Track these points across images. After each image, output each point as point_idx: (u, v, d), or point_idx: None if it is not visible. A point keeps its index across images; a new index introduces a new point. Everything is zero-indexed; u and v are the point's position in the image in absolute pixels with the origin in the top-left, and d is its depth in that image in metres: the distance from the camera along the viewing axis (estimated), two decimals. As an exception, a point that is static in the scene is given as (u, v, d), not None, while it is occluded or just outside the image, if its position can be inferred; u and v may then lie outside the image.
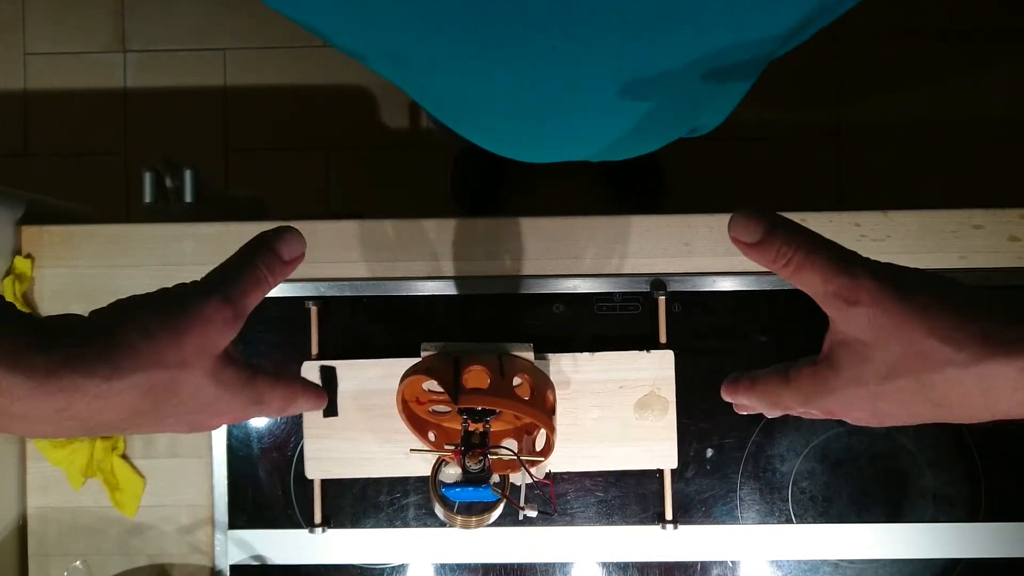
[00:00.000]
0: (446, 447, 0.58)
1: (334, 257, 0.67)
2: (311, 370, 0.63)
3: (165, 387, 0.32)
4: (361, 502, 0.65)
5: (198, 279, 0.35)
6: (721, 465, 0.65)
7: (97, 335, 0.31)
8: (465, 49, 0.37)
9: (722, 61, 0.38)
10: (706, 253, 0.66)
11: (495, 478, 0.57)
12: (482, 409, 0.55)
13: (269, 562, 0.65)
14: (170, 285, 0.34)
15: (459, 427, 0.56)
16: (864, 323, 0.31)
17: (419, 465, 0.64)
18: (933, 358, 0.30)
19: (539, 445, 0.60)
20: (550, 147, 0.53)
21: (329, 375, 0.63)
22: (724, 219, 0.66)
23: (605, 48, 0.35)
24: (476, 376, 0.56)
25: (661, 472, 0.64)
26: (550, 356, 0.63)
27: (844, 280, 0.32)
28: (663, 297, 0.64)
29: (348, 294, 0.66)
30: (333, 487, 0.65)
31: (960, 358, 0.29)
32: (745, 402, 0.40)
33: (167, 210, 0.90)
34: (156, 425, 0.34)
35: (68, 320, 0.32)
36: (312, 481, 0.65)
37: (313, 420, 0.64)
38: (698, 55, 0.36)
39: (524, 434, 0.60)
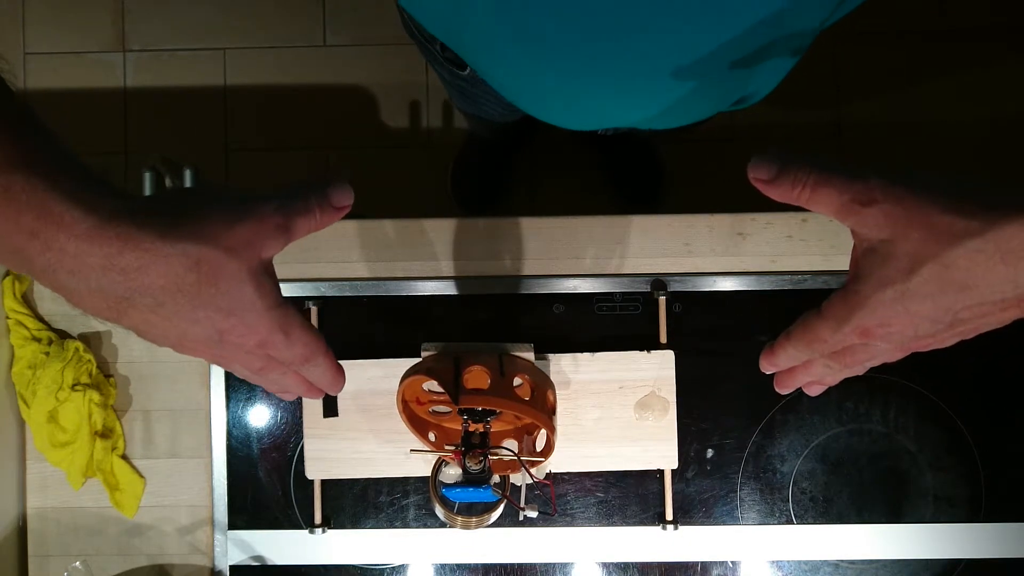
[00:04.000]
0: (446, 447, 0.58)
1: (334, 257, 0.67)
2: (311, 370, 0.63)
3: (210, 266, 0.32)
4: (361, 502, 0.65)
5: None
6: (721, 465, 0.65)
7: (160, 201, 0.32)
8: None
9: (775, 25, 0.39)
10: (706, 253, 0.66)
11: (495, 478, 0.57)
12: (482, 409, 0.55)
13: (269, 562, 0.65)
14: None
15: (459, 427, 0.56)
16: (881, 220, 0.32)
17: (419, 465, 0.64)
18: (951, 233, 0.31)
19: (539, 445, 0.60)
20: (596, 101, 0.54)
21: (329, 375, 0.63)
22: (724, 219, 0.66)
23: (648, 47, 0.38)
24: (476, 376, 0.56)
25: (661, 472, 0.64)
26: (550, 356, 0.63)
27: (858, 185, 0.33)
28: (663, 297, 0.64)
29: (348, 294, 0.66)
30: (333, 487, 0.65)
31: (975, 226, 0.30)
32: (785, 360, 0.40)
33: (167, 210, 0.90)
34: (189, 314, 0.33)
35: (132, 195, 0.33)
36: (312, 481, 0.65)
37: (313, 420, 0.64)
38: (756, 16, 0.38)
39: (524, 434, 0.60)
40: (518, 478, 0.60)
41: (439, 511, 0.57)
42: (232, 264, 0.33)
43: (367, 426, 0.63)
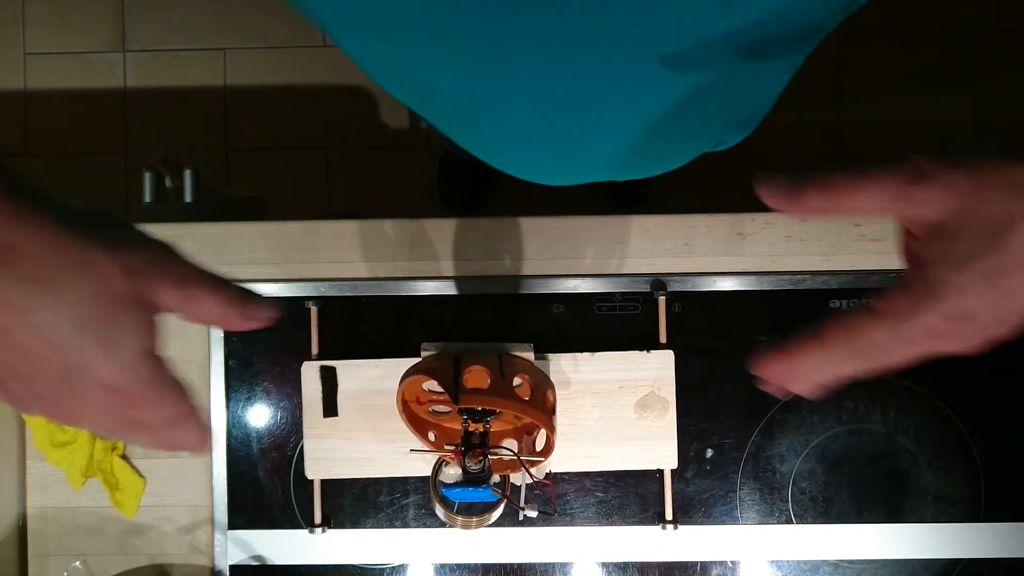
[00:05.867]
0: (446, 447, 0.58)
1: (334, 257, 0.67)
2: (311, 370, 0.63)
3: (95, 276, 0.28)
4: (361, 502, 0.65)
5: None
6: (721, 465, 0.65)
7: (83, 206, 0.29)
8: (472, 49, 0.36)
9: (755, 40, 0.36)
10: (706, 253, 0.66)
11: (495, 478, 0.57)
12: (482, 409, 0.55)
13: (269, 562, 0.65)
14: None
15: (459, 427, 0.56)
16: (946, 193, 0.28)
17: (419, 465, 0.64)
18: None
19: (539, 445, 0.60)
20: (562, 165, 0.52)
21: (329, 375, 0.63)
22: (724, 219, 0.66)
23: (638, 28, 0.34)
24: (476, 376, 0.56)
25: (661, 472, 0.64)
26: (550, 356, 0.63)
27: (902, 167, 0.29)
28: (663, 297, 0.64)
29: (348, 294, 0.66)
30: (333, 487, 0.65)
31: None
32: (808, 369, 0.32)
33: (167, 210, 0.90)
34: (49, 324, 0.27)
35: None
36: (312, 481, 0.65)
37: (313, 420, 0.64)
38: (731, 30, 0.35)
39: (524, 434, 0.60)
40: (518, 478, 0.60)
41: (439, 511, 0.57)
42: (122, 284, 0.28)
43: (367, 426, 0.63)
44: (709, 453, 0.65)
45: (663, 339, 0.65)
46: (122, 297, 0.28)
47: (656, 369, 0.63)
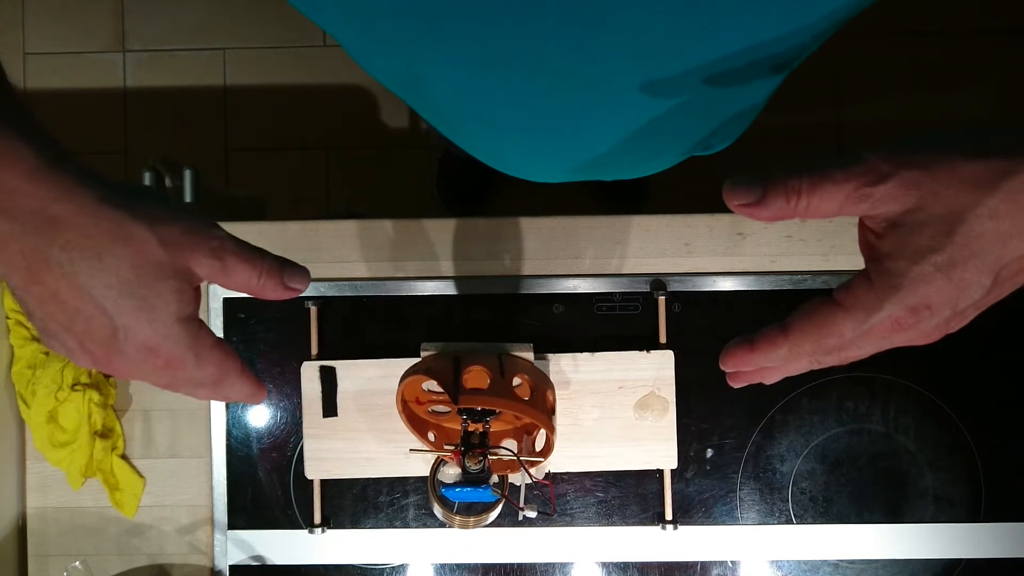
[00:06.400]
0: (446, 447, 0.58)
1: (334, 257, 0.67)
2: (311, 370, 0.63)
3: (138, 247, 0.31)
4: (361, 502, 0.65)
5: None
6: (721, 465, 0.65)
7: (119, 182, 0.31)
8: (462, 46, 0.37)
9: (742, 59, 0.36)
10: (706, 253, 0.66)
11: (494, 478, 0.57)
12: (482, 409, 0.55)
13: (269, 562, 0.65)
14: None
15: (459, 427, 0.56)
16: (900, 191, 0.29)
17: (419, 465, 0.64)
18: (984, 179, 0.28)
19: (539, 445, 0.60)
20: (552, 161, 0.52)
21: (329, 375, 0.63)
22: (724, 219, 0.66)
23: (623, 44, 0.34)
24: (476, 376, 0.56)
25: (661, 472, 0.64)
26: (550, 356, 0.63)
27: (860, 168, 0.30)
28: (663, 297, 0.64)
29: (348, 294, 0.66)
30: (333, 487, 0.65)
31: (1009, 164, 0.28)
32: (773, 360, 0.34)
33: (167, 210, 0.90)
34: (100, 292, 0.30)
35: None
36: (312, 481, 0.65)
37: (313, 420, 0.64)
38: (718, 52, 0.35)
39: (524, 434, 0.60)
40: (517, 478, 0.60)
41: (438, 511, 0.57)
42: (160, 254, 0.31)
43: (367, 426, 0.63)
44: (709, 453, 0.65)
45: (663, 339, 0.65)
46: (160, 266, 0.31)
47: (656, 369, 0.63)
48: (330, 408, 0.64)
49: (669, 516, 0.64)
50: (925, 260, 0.29)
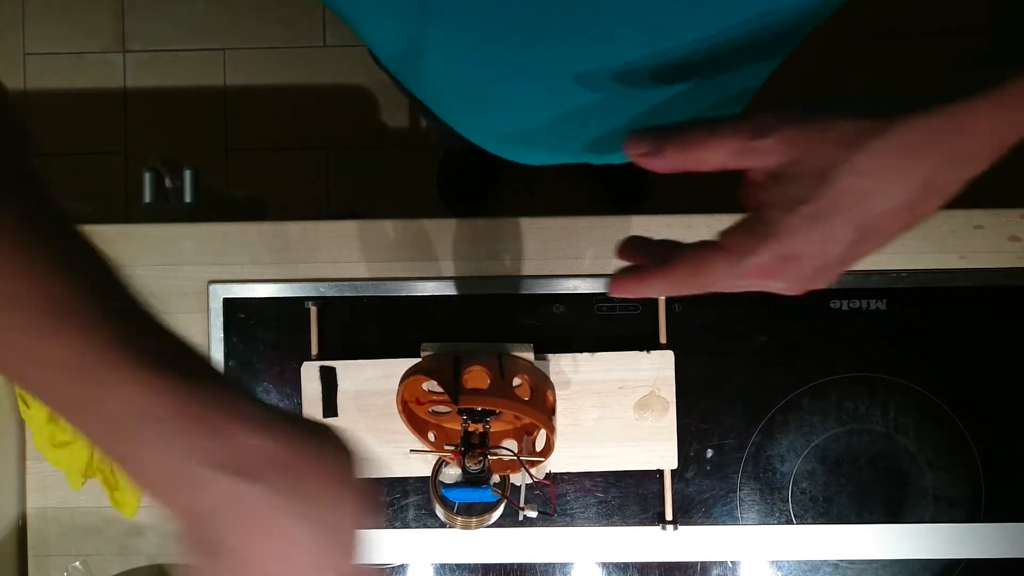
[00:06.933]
0: (446, 448, 0.58)
1: (334, 257, 0.67)
2: (311, 370, 0.63)
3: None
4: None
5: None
6: (721, 465, 0.65)
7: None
8: (492, 33, 0.37)
9: (750, 35, 0.37)
10: (706, 253, 0.66)
11: (495, 478, 0.57)
12: (482, 409, 0.55)
13: (269, 562, 0.65)
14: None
15: (459, 427, 0.56)
16: (782, 145, 0.31)
17: (419, 465, 0.64)
18: (853, 138, 0.30)
19: (539, 445, 0.60)
20: (545, 141, 0.53)
21: (329, 375, 0.63)
22: (724, 219, 0.66)
23: (614, 40, 0.35)
24: (476, 376, 0.56)
25: (661, 472, 0.64)
26: (550, 356, 0.63)
27: (747, 124, 0.32)
28: (663, 297, 0.64)
29: (348, 294, 0.66)
30: (333, 487, 0.65)
31: (876, 125, 0.30)
32: (650, 292, 0.36)
33: (167, 210, 0.90)
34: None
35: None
36: (312, 481, 0.65)
37: (313, 420, 0.64)
38: (722, 22, 0.36)
39: (524, 434, 0.60)
40: (518, 478, 0.60)
41: (439, 511, 0.57)
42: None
43: (366, 426, 0.63)
44: (709, 453, 0.65)
45: (663, 339, 0.65)
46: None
47: (656, 369, 0.63)
48: (330, 408, 0.64)
49: (669, 516, 0.64)
50: (796, 211, 0.31)
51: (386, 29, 0.43)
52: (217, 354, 0.66)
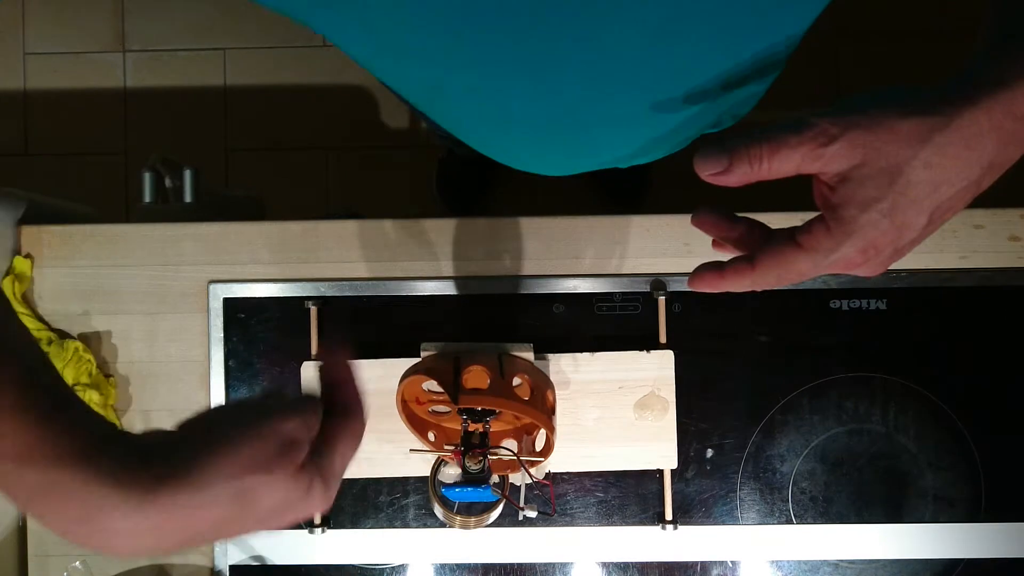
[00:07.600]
0: (446, 447, 0.58)
1: (334, 257, 0.67)
2: (311, 370, 0.63)
3: (251, 493, 0.32)
4: (361, 502, 0.65)
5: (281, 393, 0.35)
6: (721, 465, 0.65)
7: (184, 450, 0.32)
8: (485, 54, 0.37)
9: (746, 54, 0.39)
10: (706, 253, 0.65)
11: (495, 478, 0.57)
12: (482, 409, 0.55)
13: (269, 562, 0.65)
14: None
15: (459, 427, 0.56)
16: (848, 150, 0.33)
17: (419, 465, 0.64)
18: (917, 135, 0.32)
19: (539, 445, 0.60)
20: (568, 156, 0.53)
21: (329, 375, 0.63)
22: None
23: (629, 49, 0.36)
24: (476, 376, 0.56)
25: (661, 472, 0.64)
26: (550, 356, 0.63)
27: (811, 132, 0.33)
28: (663, 297, 0.64)
29: (348, 294, 0.66)
30: (333, 487, 0.65)
31: (938, 121, 0.32)
32: (733, 287, 0.39)
33: (167, 210, 0.90)
34: (250, 528, 0.33)
35: (158, 436, 0.33)
36: (312, 481, 0.65)
37: (313, 420, 0.64)
38: (723, 50, 0.38)
39: (524, 434, 0.60)
40: (517, 478, 0.60)
41: (438, 511, 0.57)
42: (267, 481, 0.33)
43: (367, 426, 0.63)
44: (709, 453, 0.65)
45: (663, 339, 0.65)
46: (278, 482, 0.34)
47: (656, 369, 0.63)
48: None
49: (669, 516, 0.64)
50: (872, 208, 0.33)
51: (407, 72, 0.43)
52: (217, 354, 0.66)
